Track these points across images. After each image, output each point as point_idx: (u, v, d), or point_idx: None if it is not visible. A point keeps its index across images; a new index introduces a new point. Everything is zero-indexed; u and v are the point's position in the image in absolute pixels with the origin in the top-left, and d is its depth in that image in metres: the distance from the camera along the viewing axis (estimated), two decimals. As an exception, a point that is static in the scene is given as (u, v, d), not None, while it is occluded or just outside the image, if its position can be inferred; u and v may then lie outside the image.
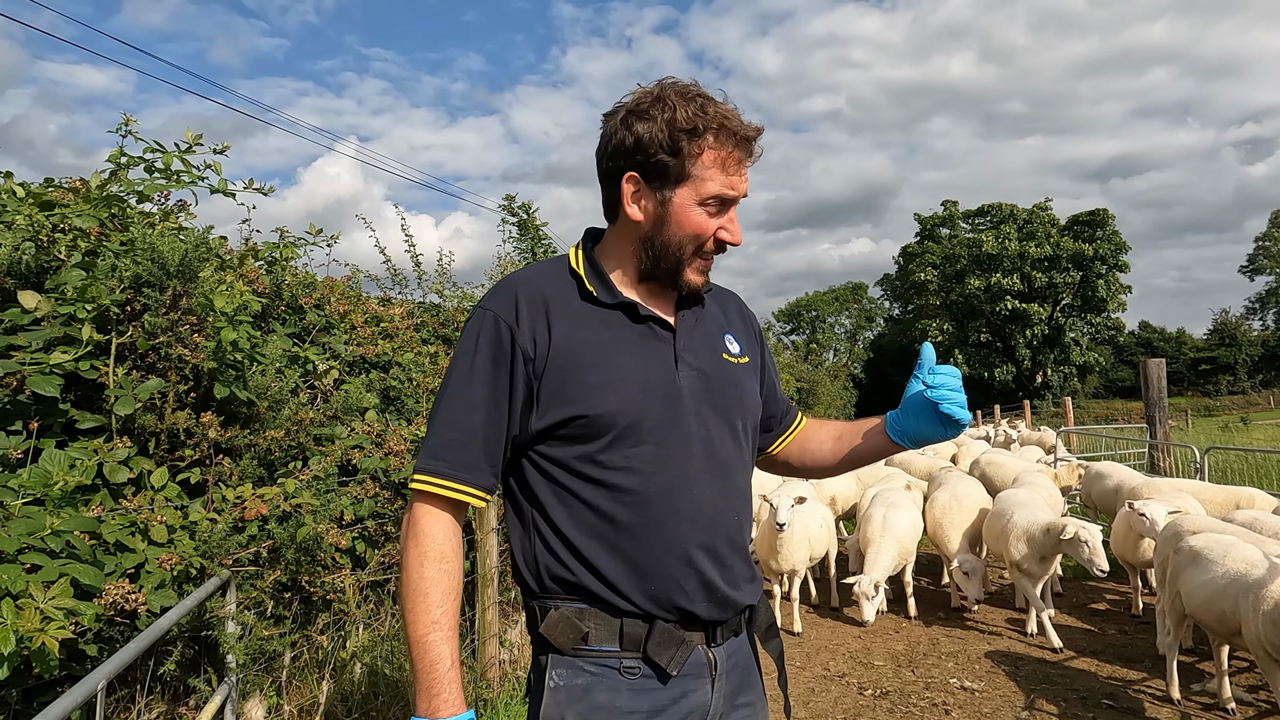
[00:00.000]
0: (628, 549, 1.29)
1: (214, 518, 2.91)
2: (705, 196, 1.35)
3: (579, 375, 1.30)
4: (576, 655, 1.29)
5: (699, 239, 1.36)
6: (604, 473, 1.29)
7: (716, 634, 1.36)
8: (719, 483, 1.37)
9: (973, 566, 5.73)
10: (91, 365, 2.97)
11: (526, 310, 1.33)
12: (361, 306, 5.63)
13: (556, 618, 1.30)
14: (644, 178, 1.36)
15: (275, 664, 3.22)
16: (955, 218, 53.29)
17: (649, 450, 1.30)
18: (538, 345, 1.31)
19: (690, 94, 1.34)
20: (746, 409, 1.47)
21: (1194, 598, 3.89)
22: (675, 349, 1.38)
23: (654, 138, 1.32)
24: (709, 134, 1.32)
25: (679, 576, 1.30)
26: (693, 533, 1.32)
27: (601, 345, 1.33)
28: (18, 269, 3.15)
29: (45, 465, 2.63)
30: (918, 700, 4.46)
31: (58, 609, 2.18)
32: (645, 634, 1.29)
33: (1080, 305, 48.24)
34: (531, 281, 1.38)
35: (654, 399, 1.32)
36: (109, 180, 3.74)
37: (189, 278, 3.15)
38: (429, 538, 1.27)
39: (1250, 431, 20.49)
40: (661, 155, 1.33)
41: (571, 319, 1.34)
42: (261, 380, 3.52)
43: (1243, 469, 9.65)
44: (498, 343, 1.31)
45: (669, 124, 1.32)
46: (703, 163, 1.33)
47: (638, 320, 1.38)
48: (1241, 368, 58.29)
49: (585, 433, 1.29)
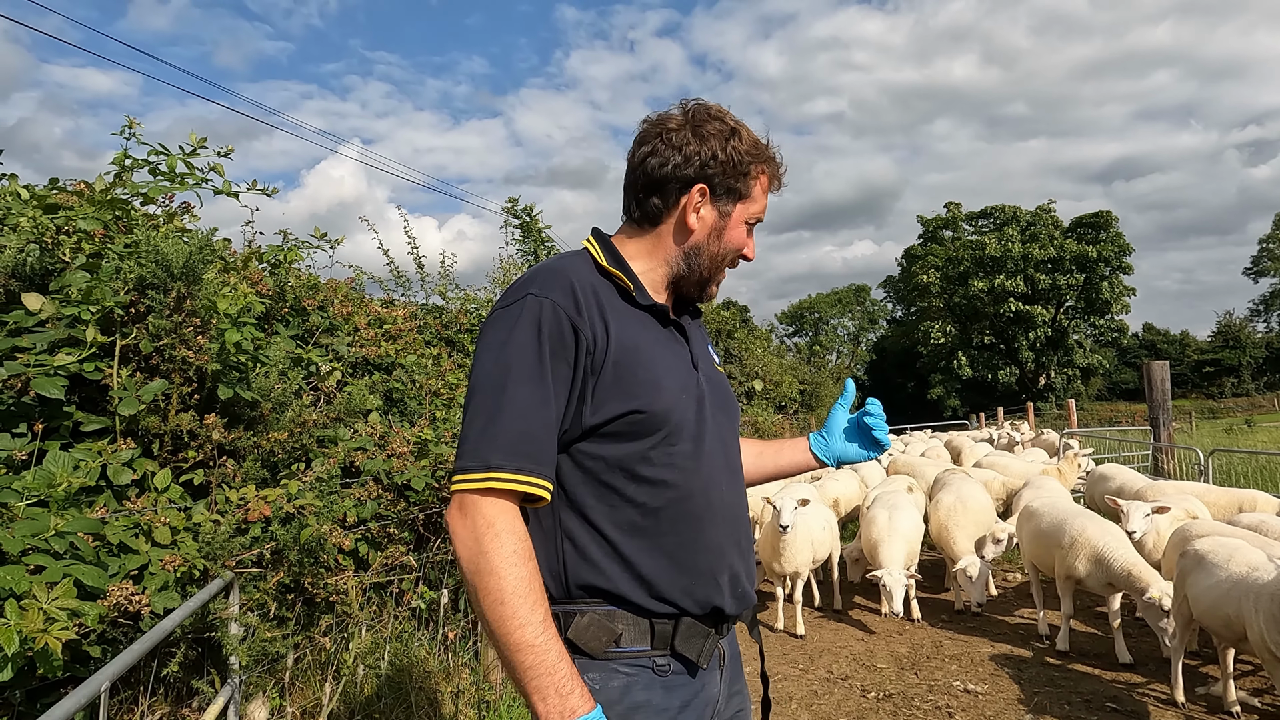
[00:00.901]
0: (669, 545, 1.30)
1: (217, 519, 2.92)
2: (752, 216, 1.47)
3: (634, 371, 1.30)
4: (609, 658, 1.28)
5: (739, 252, 1.48)
6: (652, 469, 1.30)
7: (724, 625, 1.39)
8: (735, 481, 1.44)
9: (978, 570, 5.72)
10: (96, 367, 2.98)
11: (585, 301, 1.31)
12: (364, 308, 5.63)
13: (586, 622, 1.28)
14: (711, 191, 1.43)
15: (278, 666, 3.22)
16: (958, 220, 53.25)
17: (688, 448, 1.33)
18: (597, 339, 1.29)
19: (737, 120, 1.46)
20: (738, 415, 1.56)
21: (1200, 602, 3.88)
22: (692, 354, 1.45)
23: (730, 155, 1.40)
24: (765, 162, 1.46)
25: (716, 571, 1.33)
26: (725, 528, 1.36)
27: (646, 344, 1.35)
28: (22, 271, 3.16)
29: (49, 467, 2.64)
30: (921, 703, 4.46)
31: (61, 610, 2.18)
32: (673, 631, 1.30)
33: (1084, 307, 48.16)
34: (580, 273, 1.37)
35: (688, 400, 1.36)
36: (113, 183, 3.75)
37: (193, 280, 3.15)
38: (515, 535, 1.20)
39: (1255, 434, 20.42)
40: (735, 172, 1.42)
41: (620, 316, 1.35)
42: (265, 382, 3.52)
43: (1247, 471, 9.63)
44: (559, 333, 1.27)
45: (742, 146, 1.42)
46: (759, 186, 1.46)
47: (666, 324, 1.43)
48: (1246, 370, 58.14)
49: (638, 429, 1.29)
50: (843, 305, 64.21)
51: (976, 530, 6.00)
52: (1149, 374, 9.68)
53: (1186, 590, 4.02)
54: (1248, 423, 27.85)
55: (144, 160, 3.86)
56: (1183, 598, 4.08)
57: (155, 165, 3.88)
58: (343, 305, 5.23)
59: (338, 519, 3.41)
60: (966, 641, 5.45)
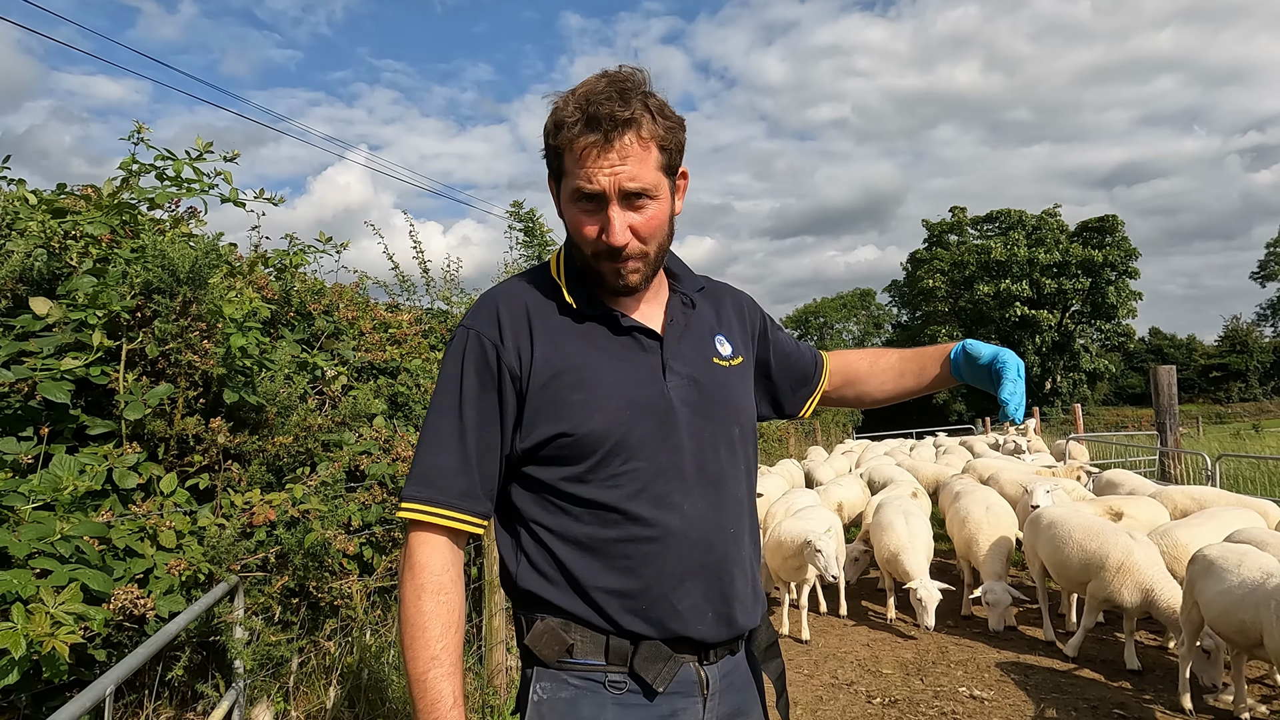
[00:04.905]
0: (620, 567, 1.24)
1: (222, 523, 2.92)
2: (572, 192, 1.24)
3: (565, 393, 1.24)
4: (561, 668, 1.24)
5: (586, 241, 1.27)
6: (593, 492, 1.24)
7: (710, 652, 1.30)
8: (713, 497, 1.30)
9: (998, 597, 5.41)
10: (102, 371, 2.99)
11: (509, 326, 1.28)
12: (370, 313, 5.65)
13: (542, 629, 1.26)
14: (550, 174, 1.31)
15: (283, 670, 3.22)
16: (964, 224, 53.14)
17: (639, 467, 1.24)
18: (522, 362, 1.26)
19: (593, 79, 1.24)
20: (741, 414, 1.40)
21: (1211, 608, 3.84)
22: (663, 358, 1.32)
23: (545, 129, 1.25)
24: (572, 122, 1.20)
25: (673, 599, 1.24)
26: (687, 552, 1.26)
27: (585, 360, 1.27)
28: (30, 275, 3.18)
29: (55, 470, 2.65)
30: (926, 709, 4.43)
31: (67, 613, 2.19)
32: (632, 650, 1.24)
33: (1090, 312, 47.99)
34: (513, 294, 1.33)
35: (642, 414, 1.26)
36: (121, 187, 3.77)
37: (199, 284, 3.16)
38: (426, 569, 1.22)
39: (1263, 439, 20.31)
40: (550, 147, 1.26)
41: (554, 333, 1.29)
42: (270, 386, 3.53)
43: (1255, 476, 9.57)
44: (483, 363, 1.26)
45: (552, 115, 1.24)
46: (572, 154, 1.22)
47: (620, 332, 1.31)
48: (1253, 374, 57.87)
49: (570, 453, 1.24)
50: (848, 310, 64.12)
51: (1005, 545, 5.78)
52: (1155, 379, 9.64)
53: (1196, 596, 3.99)
54: (1255, 428, 27.70)
55: (151, 165, 3.88)
56: (1192, 604, 4.04)
57: (162, 170, 3.90)
58: (348, 310, 5.24)
59: (342, 523, 3.41)
60: (972, 647, 5.42)
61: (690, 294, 1.43)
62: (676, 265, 1.45)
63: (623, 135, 1.19)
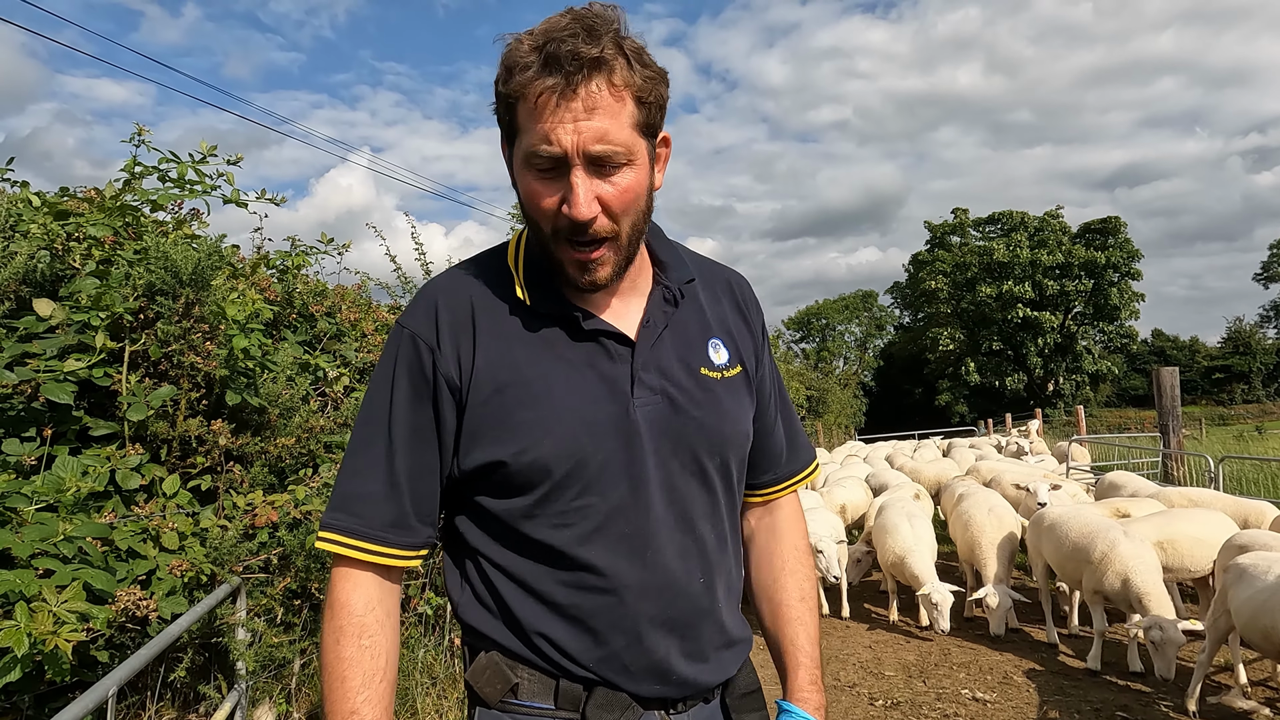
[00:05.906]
0: (567, 619, 1.06)
1: (225, 524, 2.93)
2: (525, 155, 1.00)
3: (508, 410, 1.04)
4: (504, 709, 1.08)
5: (544, 215, 1.02)
6: (540, 531, 1.05)
7: (678, 703, 1.13)
8: (682, 541, 1.10)
9: (1000, 601, 5.43)
10: (105, 372, 3.00)
11: (448, 326, 1.07)
12: (372, 314, 5.65)
13: (485, 663, 1.09)
14: (504, 137, 1.06)
15: (285, 671, 3.22)
16: (966, 225, 53.11)
17: (593, 503, 1.05)
18: (462, 371, 1.05)
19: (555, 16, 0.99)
20: (727, 439, 1.15)
21: (1241, 614, 3.85)
22: (632, 368, 1.08)
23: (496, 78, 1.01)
24: (527, 64, 0.96)
25: (625, 659, 1.06)
26: (645, 603, 1.06)
27: (536, 372, 1.06)
28: (33, 277, 3.19)
29: (59, 471, 2.66)
30: (929, 711, 4.43)
31: (71, 613, 2.19)
32: (585, 697, 1.07)
33: (1092, 313, 47.95)
34: (456, 287, 1.11)
35: (602, 439, 1.05)
36: (123, 189, 3.78)
37: (201, 286, 3.17)
38: (346, 609, 1.04)
39: (1266, 441, 20.25)
40: (503, 101, 1.01)
41: (502, 336, 1.07)
42: (273, 388, 3.54)
43: (1258, 478, 9.54)
44: (417, 369, 1.06)
45: (503, 54, 1.00)
46: (526, 104, 0.98)
47: (582, 336, 1.08)
48: (1256, 376, 57.76)
49: (513, 483, 1.05)
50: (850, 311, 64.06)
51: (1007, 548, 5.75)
52: (1158, 380, 9.63)
53: (1230, 604, 3.98)
54: (1258, 429, 27.65)
55: (154, 167, 3.89)
56: (1224, 611, 4.03)
57: (165, 172, 3.92)
58: (350, 311, 5.25)
59: (344, 524, 3.41)
60: (975, 649, 5.41)
61: (678, 287, 1.16)
62: (663, 249, 1.19)
63: (590, 80, 0.95)
